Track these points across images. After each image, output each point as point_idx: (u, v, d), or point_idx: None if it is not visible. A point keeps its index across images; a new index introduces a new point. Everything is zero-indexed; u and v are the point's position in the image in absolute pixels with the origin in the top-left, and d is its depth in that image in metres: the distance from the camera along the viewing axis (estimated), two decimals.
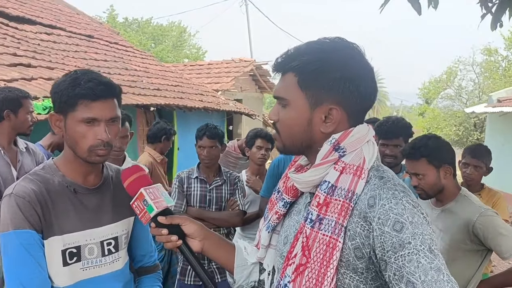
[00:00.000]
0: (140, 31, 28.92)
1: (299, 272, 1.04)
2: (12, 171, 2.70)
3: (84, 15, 11.37)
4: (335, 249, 1.00)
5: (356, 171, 1.04)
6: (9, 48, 5.89)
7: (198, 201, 3.03)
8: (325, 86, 1.06)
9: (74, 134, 1.37)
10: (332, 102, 1.07)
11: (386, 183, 1.03)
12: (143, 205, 1.24)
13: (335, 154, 1.07)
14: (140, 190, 1.25)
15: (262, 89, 14.18)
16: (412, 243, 0.94)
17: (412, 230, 0.95)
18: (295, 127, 1.11)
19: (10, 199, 1.35)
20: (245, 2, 20.46)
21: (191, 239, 1.28)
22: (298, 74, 1.09)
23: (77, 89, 1.34)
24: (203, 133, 3.04)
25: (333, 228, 1.01)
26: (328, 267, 1.00)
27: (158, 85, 8.10)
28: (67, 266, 1.40)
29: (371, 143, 1.10)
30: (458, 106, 23.58)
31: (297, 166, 1.20)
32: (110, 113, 1.39)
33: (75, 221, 1.42)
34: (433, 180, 2.18)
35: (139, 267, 1.70)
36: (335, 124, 1.08)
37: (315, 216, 1.05)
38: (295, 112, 1.10)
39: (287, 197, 1.20)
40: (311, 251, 1.03)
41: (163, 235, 1.25)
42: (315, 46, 1.10)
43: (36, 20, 8.03)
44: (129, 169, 1.33)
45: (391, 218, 0.96)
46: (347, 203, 1.02)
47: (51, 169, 1.45)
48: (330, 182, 1.05)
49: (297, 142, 1.12)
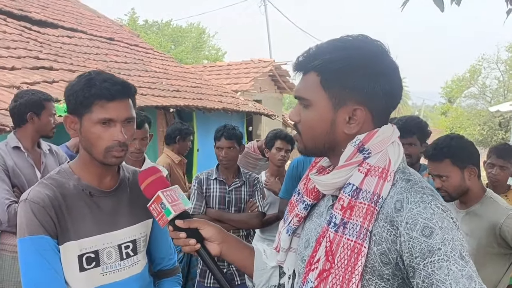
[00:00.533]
0: (160, 33, 29.20)
1: (322, 277, 1.00)
2: (36, 172, 2.73)
3: (105, 18, 11.53)
4: (360, 254, 0.96)
5: (382, 173, 1.00)
6: (31, 52, 6.00)
7: (217, 203, 3.01)
8: (349, 86, 1.03)
9: (90, 136, 1.36)
10: (356, 102, 1.03)
11: (413, 186, 0.99)
12: (161, 208, 1.22)
13: (360, 155, 1.03)
14: (158, 193, 1.23)
15: (281, 90, 14.12)
16: (442, 249, 0.90)
17: (442, 235, 0.91)
18: (317, 128, 1.07)
19: (25, 204, 1.35)
20: (264, 3, 20.44)
21: (210, 242, 1.26)
22: (320, 74, 1.05)
23: (93, 90, 1.33)
24: (221, 134, 3.03)
25: (358, 233, 0.97)
26: (353, 273, 0.96)
27: (177, 86, 8.15)
28: (83, 272, 1.39)
29: (396, 144, 1.06)
30: (482, 104, 23.12)
31: (319, 167, 1.17)
32: (125, 114, 1.37)
33: (91, 225, 1.41)
34: (457, 182, 2.11)
35: (158, 270, 1.68)
36: (359, 125, 1.04)
37: (339, 220, 1.01)
38: (318, 113, 1.06)
39: (308, 199, 1.17)
40: (335, 256, 0.99)
41: (181, 238, 1.23)
42: (338, 44, 1.06)
43: (58, 23, 8.17)
44: (146, 171, 1.32)
45: (419, 223, 0.92)
46: (373, 206, 0.98)
47: (66, 173, 1.44)
48: (354, 185, 1.01)
49: (319, 143, 1.09)
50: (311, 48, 1.08)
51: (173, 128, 4.15)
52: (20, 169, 2.66)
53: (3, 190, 2.56)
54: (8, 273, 2.66)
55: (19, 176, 2.65)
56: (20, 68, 5.14)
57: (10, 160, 2.64)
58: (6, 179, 2.60)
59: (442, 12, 3.00)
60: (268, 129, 11.18)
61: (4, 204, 2.53)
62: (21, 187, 2.65)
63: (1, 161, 2.61)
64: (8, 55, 5.38)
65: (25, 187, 2.64)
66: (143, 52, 9.98)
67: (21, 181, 2.65)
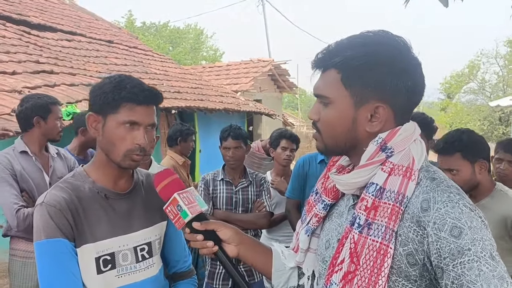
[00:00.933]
0: (158, 35, 29.21)
1: (347, 280, 0.98)
2: (44, 176, 2.72)
3: (103, 20, 11.51)
4: (386, 255, 0.94)
5: (406, 172, 0.98)
6: (32, 56, 5.99)
7: (224, 204, 2.99)
8: (370, 83, 1.00)
9: (113, 136, 1.37)
10: (378, 100, 1.00)
11: (439, 185, 0.96)
12: (177, 210, 1.21)
13: (382, 154, 1.00)
14: (174, 195, 1.22)
15: (281, 89, 14.12)
16: (472, 250, 0.87)
17: (471, 235, 0.89)
18: (338, 127, 1.05)
19: (41, 208, 1.34)
20: (262, 2, 20.43)
21: (227, 244, 1.24)
22: (341, 71, 1.02)
23: (123, 92, 1.34)
24: (227, 134, 3.01)
25: (384, 234, 0.95)
26: (380, 275, 0.94)
27: (178, 88, 8.13)
28: (101, 274, 1.39)
29: (418, 142, 1.03)
30: (481, 100, 23.15)
31: (339, 166, 1.14)
32: (150, 119, 1.40)
33: (107, 228, 1.40)
34: (468, 176, 2.09)
35: (173, 273, 1.67)
36: (381, 123, 1.02)
37: (363, 221, 0.99)
38: (339, 111, 1.04)
39: (327, 199, 1.15)
40: (360, 257, 0.97)
41: (198, 241, 1.21)
42: (358, 41, 1.03)
43: (56, 27, 8.16)
44: (161, 173, 1.30)
45: (448, 222, 0.90)
46: (397, 206, 0.96)
47: (81, 176, 1.44)
48: (378, 184, 0.99)
49: (340, 142, 1.06)
50: (330, 45, 1.05)
51: (174, 129, 4.13)
52: (28, 173, 2.66)
53: (11, 195, 2.55)
54: (19, 278, 2.65)
55: (27, 181, 2.64)
56: (21, 72, 5.13)
57: (17, 165, 2.63)
58: (15, 184, 2.59)
59: (446, 8, 2.98)
60: (268, 129, 11.19)
61: (13, 209, 2.52)
62: (29, 191, 2.64)
63: (9, 166, 2.60)
64: (8, 59, 5.37)
65: (33, 191, 2.65)
66: (142, 54, 9.97)
67: (30, 186, 2.65)
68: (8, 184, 2.57)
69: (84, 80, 5.87)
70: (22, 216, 2.51)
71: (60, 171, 2.80)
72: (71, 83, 5.51)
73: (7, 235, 2.72)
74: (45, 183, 2.70)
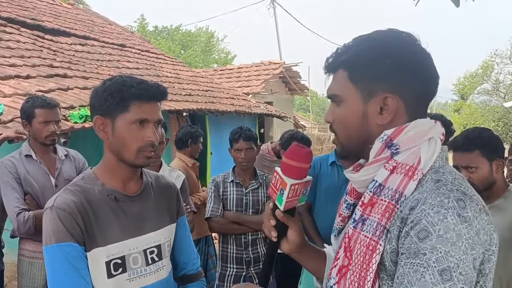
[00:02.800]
0: (169, 39, 29.39)
1: (342, 274, 0.99)
2: (50, 179, 2.74)
3: (116, 25, 11.64)
4: (375, 252, 0.93)
5: (408, 171, 0.96)
6: (45, 60, 6.07)
7: (235, 205, 3.00)
8: (376, 75, 1.00)
9: (124, 136, 1.37)
10: (386, 91, 1.00)
11: (439, 188, 0.92)
12: (278, 191, 1.13)
13: (387, 151, 0.99)
14: (288, 183, 1.10)
15: (292, 91, 14.09)
16: (427, 256, 0.85)
17: (434, 243, 0.85)
18: (350, 124, 1.05)
19: (51, 211, 1.33)
20: (273, 5, 20.44)
21: (285, 242, 1.21)
22: (347, 68, 1.03)
23: (132, 90, 1.35)
24: (238, 135, 3.01)
25: (374, 230, 0.94)
26: (368, 270, 0.93)
27: (189, 90, 8.18)
28: (111, 278, 1.38)
29: (433, 141, 0.99)
30: (496, 101, 22.84)
31: (356, 165, 1.13)
32: (158, 116, 1.41)
33: (118, 231, 1.40)
34: (486, 174, 2.07)
35: (182, 275, 1.67)
36: (391, 114, 1.01)
37: (358, 216, 0.99)
38: (349, 108, 1.04)
39: (349, 198, 1.14)
40: (353, 252, 0.97)
41: (269, 222, 1.17)
42: (363, 37, 1.05)
43: (70, 31, 8.27)
44: (304, 152, 1.13)
45: (421, 224, 0.88)
46: (393, 204, 0.94)
47: (90, 179, 1.43)
48: (377, 181, 0.98)
49: (353, 139, 1.06)
50: (338, 48, 1.07)
51: (183, 132, 4.14)
52: (33, 176, 2.67)
53: (13, 199, 2.58)
54: (26, 278, 2.68)
55: (31, 184, 2.66)
56: (35, 76, 5.20)
57: (22, 168, 2.65)
58: (17, 188, 2.61)
59: (458, 7, 2.95)
60: (280, 131, 11.17)
61: (14, 212, 2.55)
62: (34, 194, 2.66)
63: (13, 170, 2.63)
64: (22, 63, 5.45)
65: (38, 194, 2.67)
66: (154, 58, 10.05)
67: (34, 189, 2.66)
68: (11, 188, 2.59)
69: (97, 83, 5.90)
70: (23, 220, 2.53)
71: (68, 173, 2.81)
72: (84, 86, 5.58)
73: (14, 236, 2.76)
74: (51, 186, 2.71)
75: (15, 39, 6.34)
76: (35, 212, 2.57)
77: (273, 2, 20.40)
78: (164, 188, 1.59)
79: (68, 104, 4.57)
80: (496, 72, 24.53)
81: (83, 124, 4.37)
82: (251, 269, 2.96)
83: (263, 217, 1.20)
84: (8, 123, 3.76)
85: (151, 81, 1.45)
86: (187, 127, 4.24)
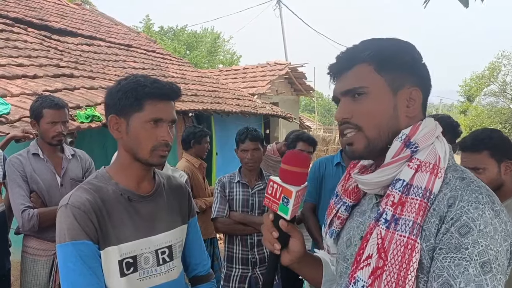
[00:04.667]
0: (175, 39, 29.44)
1: (376, 275, 0.97)
2: (56, 178, 2.76)
3: (122, 25, 11.67)
4: (414, 250, 0.93)
5: (433, 169, 0.98)
6: (52, 60, 6.10)
7: (241, 206, 2.99)
8: (403, 69, 1.04)
9: (139, 135, 1.37)
10: (412, 84, 1.04)
11: (469, 185, 0.96)
12: (281, 199, 1.10)
13: (407, 150, 1.01)
14: (293, 191, 1.09)
15: (298, 92, 14.08)
16: (469, 250, 0.88)
17: (476, 238, 0.89)
18: (379, 116, 1.03)
19: (66, 209, 1.33)
20: (279, 6, 20.43)
21: (286, 252, 1.18)
22: (372, 62, 1.04)
23: (146, 89, 1.35)
24: (244, 136, 3.01)
25: (411, 229, 0.95)
26: (408, 270, 0.93)
27: (195, 91, 8.18)
28: (124, 277, 1.38)
29: (441, 139, 1.04)
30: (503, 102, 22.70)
31: (361, 167, 1.15)
32: (172, 115, 1.41)
33: (130, 230, 1.40)
34: (494, 175, 2.05)
35: (193, 277, 1.67)
36: (417, 108, 1.05)
37: (390, 216, 0.99)
38: (378, 100, 1.04)
39: (348, 200, 1.15)
40: (388, 253, 0.96)
41: (271, 235, 1.14)
42: (375, 39, 1.09)
43: (77, 32, 8.30)
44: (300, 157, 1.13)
45: (462, 220, 0.91)
46: (425, 202, 0.96)
47: (104, 178, 1.44)
48: (405, 181, 0.99)
49: (384, 132, 1.04)
50: (349, 48, 1.09)
51: (187, 132, 4.13)
52: (39, 175, 2.70)
53: (19, 196, 2.61)
54: (29, 275, 2.70)
55: (37, 182, 2.69)
56: (42, 76, 5.22)
57: (28, 166, 2.68)
58: (24, 185, 2.64)
59: (467, 8, 2.93)
60: (285, 132, 11.16)
61: (19, 209, 2.58)
62: (39, 192, 2.69)
63: (20, 168, 2.66)
64: (30, 63, 5.47)
65: (43, 192, 2.70)
66: (160, 58, 10.07)
67: (40, 187, 2.69)
68: (17, 185, 2.63)
69: (103, 83, 5.95)
70: (27, 217, 2.56)
71: (74, 172, 2.83)
72: (91, 86, 5.60)
73: (18, 233, 2.78)
74: (57, 184, 2.74)
75: (22, 39, 6.37)
76: (40, 210, 2.61)
77: (279, 2, 20.39)
78: (176, 189, 1.59)
79: (74, 104, 4.58)
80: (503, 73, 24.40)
81: (90, 124, 4.38)
82: (257, 269, 2.95)
83: (263, 230, 1.17)
84: (15, 122, 3.78)
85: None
86: (191, 127, 4.23)
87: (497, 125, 20.28)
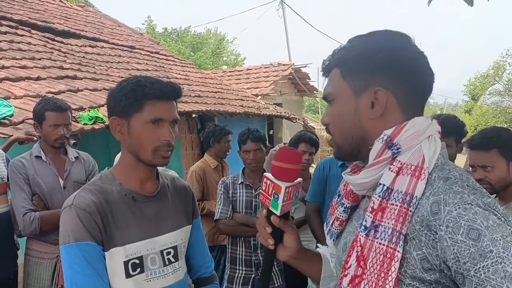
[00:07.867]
0: (179, 41, 29.46)
1: (354, 284, 0.95)
2: (59, 180, 2.75)
3: (126, 27, 11.69)
4: (393, 259, 0.90)
5: (415, 171, 0.93)
6: (56, 62, 6.11)
7: (244, 207, 2.98)
8: (367, 70, 0.99)
9: (140, 136, 1.36)
10: (377, 85, 0.98)
11: (452, 186, 0.90)
12: (272, 195, 1.12)
13: (388, 152, 0.96)
14: (283, 187, 1.10)
15: (301, 92, 14.06)
16: (494, 251, 0.82)
17: (490, 235, 0.83)
18: (343, 121, 1.03)
19: (70, 210, 1.32)
20: (282, 6, 20.41)
21: (282, 248, 1.19)
22: (340, 66, 1.03)
23: (145, 89, 1.35)
24: (246, 137, 3.00)
25: (390, 236, 0.91)
26: (386, 279, 0.90)
27: (199, 92, 8.18)
28: (130, 278, 1.37)
29: (432, 139, 0.97)
30: (508, 101, 22.58)
31: (353, 166, 1.11)
32: (173, 115, 1.40)
33: (135, 230, 1.39)
34: (503, 173, 2.02)
35: (196, 278, 1.67)
36: (382, 107, 0.99)
37: (369, 223, 0.95)
38: (341, 104, 1.03)
39: (346, 201, 1.12)
40: (367, 261, 0.93)
41: (265, 230, 1.15)
42: (357, 36, 1.05)
43: (80, 33, 8.32)
44: (292, 153, 1.14)
45: (463, 225, 0.84)
46: (405, 208, 0.91)
47: (108, 179, 1.43)
48: (385, 185, 0.94)
49: (348, 137, 1.03)
50: (335, 49, 1.07)
51: (206, 131, 4.11)
52: (41, 177, 2.69)
53: (21, 199, 2.60)
54: (32, 278, 2.70)
55: (39, 185, 2.67)
56: (45, 78, 5.24)
57: (31, 169, 2.67)
58: (26, 188, 2.63)
59: (471, 6, 2.91)
60: (289, 132, 11.14)
61: (20, 212, 2.57)
62: (41, 195, 2.68)
63: (22, 170, 2.65)
64: (33, 65, 5.49)
65: (46, 195, 2.69)
66: (163, 59, 10.08)
67: (42, 189, 2.68)
68: (19, 188, 2.62)
69: (107, 85, 5.95)
70: (28, 220, 2.55)
71: (77, 175, 2.82)
72: (94, 88, 5.60)
73: (20, 236, 2.77)
74: (60, 187, 2.73)
75: (26, 41, 6.39)
76: (41, 214, 2.60)
77: (282, 3, 20.37)
78: (180, 190, 1.59)
79: (78, 106, 4.59)
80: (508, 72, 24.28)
81: (93, 125, 4.38)
82: (260, 271, 2.94)
83: (258, 226, 1.18)
84: (19, 124, 3.78)
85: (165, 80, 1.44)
86: (211, 126, 4.21)
87: (502, 124, 20.13)
